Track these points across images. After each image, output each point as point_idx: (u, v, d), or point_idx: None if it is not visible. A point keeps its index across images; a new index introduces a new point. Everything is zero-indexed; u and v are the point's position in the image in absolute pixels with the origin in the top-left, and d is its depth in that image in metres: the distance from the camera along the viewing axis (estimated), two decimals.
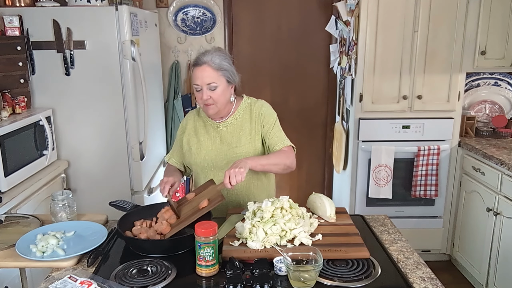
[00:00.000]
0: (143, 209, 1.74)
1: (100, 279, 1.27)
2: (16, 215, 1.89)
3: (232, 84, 1.83)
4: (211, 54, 1.76)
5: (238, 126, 1.88)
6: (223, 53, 1.82)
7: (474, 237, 2.97)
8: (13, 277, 2.08)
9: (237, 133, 1.87)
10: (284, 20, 3.71)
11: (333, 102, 3.82)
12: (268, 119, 1.89)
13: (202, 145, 1.90)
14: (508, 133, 3.16)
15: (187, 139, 1.95)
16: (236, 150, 1.85)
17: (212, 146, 1.88)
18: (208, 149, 1.88)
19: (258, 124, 1.88)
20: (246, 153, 1.84)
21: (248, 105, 1.92)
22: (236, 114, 1.89)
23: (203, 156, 1.88)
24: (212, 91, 1.75)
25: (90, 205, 2.57)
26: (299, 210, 1.61)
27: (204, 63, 1.75)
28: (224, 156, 1.86)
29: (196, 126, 1.95)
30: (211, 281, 1.33)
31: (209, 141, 1.90)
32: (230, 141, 1.87)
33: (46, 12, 2.60)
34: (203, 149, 1.89)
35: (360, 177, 3.17)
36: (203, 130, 1.92)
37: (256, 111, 1.90)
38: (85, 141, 2.76)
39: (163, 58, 3.59)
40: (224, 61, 1.77)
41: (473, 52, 3.02)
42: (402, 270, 1.37)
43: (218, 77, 1.75)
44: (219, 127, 1.89)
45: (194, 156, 1.90)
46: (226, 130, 1.88)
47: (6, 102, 2.44)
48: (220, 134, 1.89)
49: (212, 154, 1.87)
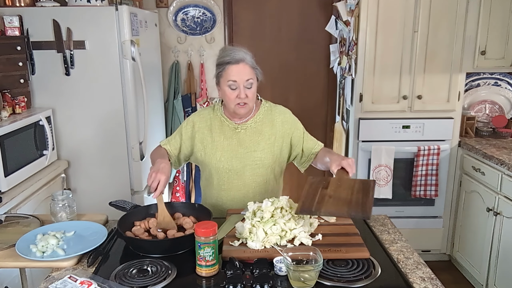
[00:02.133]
0: (143, 209, 1.74)
1: (100, 279, 1.27)
2: (16, 215, 1.89)
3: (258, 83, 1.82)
4: (243, 52, 1.74)
5: (257, 130, 1.84)
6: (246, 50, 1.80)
7: (474, 237, 2.97)
8: (13, 277, 2.09)
9: (256, 137, 1.84)
10: (284, 20, 3.71)
11: (333, 102, 3.82)
12: (297, 126, 1.90)
13: (217, 146, 1.84)
14: (508, 133, 3.16)
15: (200, 137, 1.87)
16: (254, 155, 1.82)
17: (228, 148, 1.83)
18: (224, 150, 1.83)
19: (281, 131, 1.86)
20: (264, 158, 1.83)
21: (268, 109, 1.89)
22: (255, 117, 1.86)
23: (219, 157, 1.83)
24: (249, 89, 1.74)
25: (90, 205, 2.57)
26: None
27: (242, 60, 1.73)
28: (241, 159, 1.82)
29: (212, 125, 1.87)
30: (211, 281, 1.33)
31: (225, 142, 1.84)
32: (248, 144, 1.83)
33: (46, 12, 2.60)
34: (218, 150, 1.84)
35: (360, 177, 3.17)
36: (219, 130, 1.86)
37: (278, 118, 1.87)
38: (85, 141, 2.76)
39: (163, 58, 3.59)
40: (252, 58, 1.77)
41: (473, 52, 3.02)
42: (402, 270, 1.37)
43: (254, 75, 1.76)
44: (237, 128, 1.84)
45: (209, 157, 1.85)
46: (245, 132, 1.84)
47: (6, 102, 2.45)
48: (238, 136, 1.84)
49: (228, 155, 1.83)
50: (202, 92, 3.70)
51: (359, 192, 1.42)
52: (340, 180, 1.52)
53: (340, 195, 1.41)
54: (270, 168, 1.86)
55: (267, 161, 1.84)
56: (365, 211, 1.31)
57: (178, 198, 3.75)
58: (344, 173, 1.60)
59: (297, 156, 1.93)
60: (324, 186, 1.48)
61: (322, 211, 1.34)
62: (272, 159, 1.84)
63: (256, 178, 1.85)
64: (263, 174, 1.85)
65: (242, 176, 1.84)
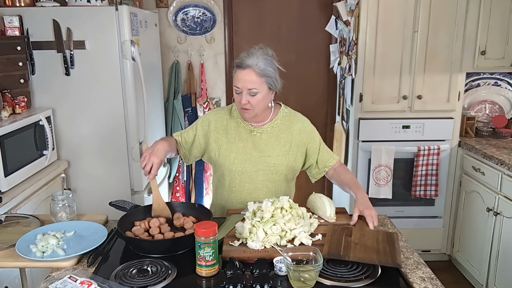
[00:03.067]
0: (143, 209, 1.74)
1: (100, 279, 1.27)
2: (16, 215, 1.89)
3: (273, 91, 1.77)
4: (256, 57, 1.68)
5: (274, 135, 1.82)
6: (269, 55, 1.73)
7: (474, 237, 2.97)
8: (13, 277, 2.09)
9: (272, 142, 1.82)
10: (284, 20, 3.71)
11: (333, 102, 3.82)
12: (314, 136, 1.89)
13: (232, 147, 1.82)
14: (508, 133, 3.16)
15: (215, 137, 1.84)
16: (268, 160, 1.81)
17: (242, 150, 1.81)
18: (238, 152, 1.81)
19: (297, 140, 1.84)
20: (278, 164, 1.81)
21: (287, 115, 1.87)
22: (273, 122, 1.83)
23: (232, 159, 1.81)
24: (252, 96, 1.69)
25: (90, 205, 2.57)
26: (299, 210, 1.61)
27: (248, 66, 1.66)
28: (255, 162, 1.81)
29: (228, 126, 1.85)
30: (211, 281, 1.33)
31: (240, 144, 1.82)
32: (263, 148, 1.81)
33: (46, 12, 2.60)
34: (232, 152, 1.82)
35: (360, 177, 3.17)
36: (235, 131, 1.83)
37: (297, 126, 1.86)
38: (85, 141, 2.76)
39: (163, 58, 3.59)
40: (269, 66, 1.70)
41: (473, 52, 3.02)
42: (402, 270, 1.37)
43: (261, 84, 1.69)
44: (253, 131, 1.82)
45: (223, 158, 1.83)
46: (261, 136, 1.82)
47: (6, 102, 2.44)
48: (253, 139, 1.82)
49: (242, 158, 1.81)
50: (202, 92, 3.70)
51: (384, 242, 1.46)
52: (363, 229, 1.56)
53: (366, 243, 1.45)
54: (283, 175, 1.85)
55: (280, 168, 1.82)
56: (394, 260, 1.35)
57: (178, 198, 3.75)
58: (365, 224, 1.62)
59: (310, 167, 1.92)
60: (348, 234, 1.51)
61: (351, 256, 1.36)
62: (286, 167, 1.83)
63: (267, 184, 1.83)
64: (275, 180, 1.84)
65: (254, 180, 1.82)
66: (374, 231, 1.58)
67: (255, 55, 1.69)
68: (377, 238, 1.49)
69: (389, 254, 1.38)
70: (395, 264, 1.34)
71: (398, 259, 1.36)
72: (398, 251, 1.41)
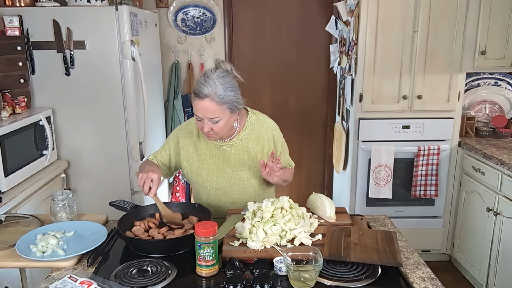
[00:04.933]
0: (143, 209, 1.74)
1: (100, 279, 1.27)
2: (16, 215, 1.89)
3: (236, 111, 1.70)
4: (214, 84, 1.58)
5: (243, 147, 1.79)
6: (227, 76, 1.64)
7: (474, 237, 2.97)
8: (13, 277, 2.08)
9: (242, 156, 1.79)
10: (284, 20, 3.71)
11: (333, 102, 3.82)
12: (281, 143, 1.87)
13: (203, 165, 1.81)
14: (508, 133, 3.16)
15: (186, 155, 1.83)
16: (240, 174, 1.80)
17: (214, 166, 1.80)
18: (210, 169, 1.80)
19: (268, 148, 1.82)
20: (251, 177, 1.81)
21: (254, 123, 1.82)
22: (241, 134, 1.79)
23: (205, 176, 1.80)
24: (215, 124, 1.63)
25: (90, 205, 2.58)
26: (299, 210, 1.61)
27: (207, 96, 1.57)
28: (228, 178, 1.80)
29: (197, 143, 1.82)
30: (211, 281, 1.33)
31: (211, 160, 1.80)
32: (234, 163, 1.80)
33: (46, 12, 2.60)
34: (204, 169, 1.80)
35: (360, 177, 3.17)
36: (205, 147, 1.81)
37: (266, 135, 1.81)
38: (85, 141, 2.76)
39: (163, 58, 3.59)
40: (228, 90, 1.61)
41: (473, 52, 3.02)
42: (402, 270, 1.37)
43: (222, 111, 1.61)
44: (222, 146, 1.79)
45: (195, 175, 1.82)
46: (230, 150, 1.79)
47: (6, 102, 2.44)
48: (223, 154, 1.79)
49: (214, 175, 1.80)
50: None
51: (383, 242, 1.46)
52: (361, 229, 1.57)
53: (366, 243, 1.45)
54: (258, 185, 1.85)
55: (253, 181, 1.83)
56: (396, 259, 1.36)
57: (178, 198, 3.75)
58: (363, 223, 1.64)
59: None
60: (347, 234, 1.52)
61: (351, 257, 1.36)
62: (259, 179, 1.83)
63: (244, 196, 1.84)
64: (250, 192, 1.84)
65: (230, 194, 1.83)
66: (373, 230, 1.58)
67: (212, 81, 1.58)
68: (376, 238, 1.49)
69: (390, 254, 1.38)
70: (396, 263, 1.34)
71: (398, 258, 1.36)
72: (398, 250, 1.41)
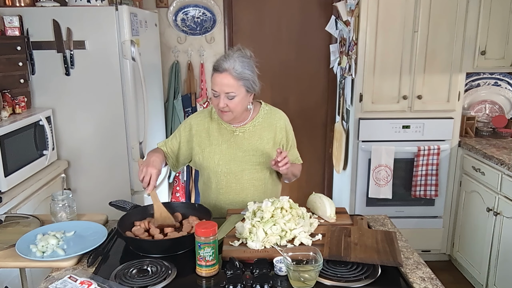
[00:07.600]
0: (143, 209, 1.74)
1: (100, 279, 1.27)
2: (16, 215, 1.89)
3: (252, 93, 1.76)
4: (233, 60, 1.66)
5: (256, 133, 1.83)
6: (247, 57, 1.72)
7: (474, 237, 2.97)
8: (13, 277, 2.09)
9: (255, 141, 1.82)
10: (284, 20, 3.71)
11: (333, 102, 3.82)
12: (292, 135, 1.91)
13: (215, 149, 1.82)
14: (508, 133, 3.16)
15: (198, 140, 1.85)
16: (253, 159, 1.81)
17: (226, 151, 1.82)
18: (222, 154, 1.82)
19: (281, 137, 1.86)
20: (263, 163, 1.82)
21: (267, 112, 1.87)
22: (254, 120, 1.84)
23: (217, 161, 1.81)
24: (230, 100, 1.68)
25: (90, 205, 2.57)
26: (299, 210, 1.61)
27: (225, 70, 1.66)
28: (240, 162, 1.81)
29: (209, 128, 1.85)
30: (211, 281, 1.33)
31: (224, 145, 1.82)
32: (246, 147, 1.82)
33: (46, 12, 2.60)
34: (216, 154, 1.82)
35: (360, 177, 3.17)
36: (217, 133, 1.84)
37: (279, 123, 1.86)
38: (85, 141, 2.76)
39: (163, 58, 3.59)
40: (246, 68, 1.69)
41: (473, 52, 3.02)
42: (402, 270, 1.37)
43: (238, 87, 1.68)
44: (235, 131, 1.82)
45: (207, 160, 1.83)
46: (243, 136, 1.82)
47: (6, 102, 2.45)
48: (236, 139, 1.82)
49: (227, 159, 1.81)
50: (202, 92, 3.70)
51: (383, 241, 1.47)
52: (361, 229, 1.57)
53: (366, 243, 1.45)
54: (268, 173, 1.86)
55: (264, 167, 1.83)
56: (396, 259, 1.36)
57: (178, 198, 3.75)
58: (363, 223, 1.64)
59: None
60: (347, 234, 1.52)
61: (352, 257, 1.36)
62: (270, 167, 1.82)
63: (254, 182, 1.84)
64: (261, 178, 1.85)
65: (241, 179, 1.83)
66: (373, 230, 1.58)
67: (232, 58, 1.67)
68: (376, 238, 1.49)
69: (390, 254, 1.38)
70: (396, 263, 1.34)
71: (399, 258, 1.36)
72: (398, 250, 1.41)
